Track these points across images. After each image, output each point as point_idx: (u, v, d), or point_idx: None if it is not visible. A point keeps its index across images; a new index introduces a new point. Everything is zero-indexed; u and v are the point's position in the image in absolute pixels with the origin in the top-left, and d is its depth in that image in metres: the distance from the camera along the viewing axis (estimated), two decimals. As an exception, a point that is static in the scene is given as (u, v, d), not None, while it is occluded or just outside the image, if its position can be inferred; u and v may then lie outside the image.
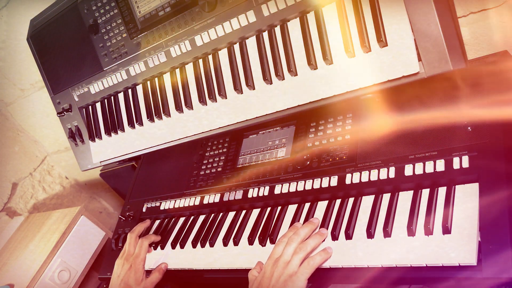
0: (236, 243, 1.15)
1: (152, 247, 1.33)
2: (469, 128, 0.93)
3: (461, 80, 1.00)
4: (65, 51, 1.49)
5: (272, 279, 0.94)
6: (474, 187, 0.87)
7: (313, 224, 1.01)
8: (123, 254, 1.29)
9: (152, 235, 1.33)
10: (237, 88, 1.15)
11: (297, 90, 1.05)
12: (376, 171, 1.01)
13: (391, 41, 0.91)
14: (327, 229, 1.01)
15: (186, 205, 1.36)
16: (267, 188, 1.19)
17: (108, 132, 1.47)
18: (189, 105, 1.25)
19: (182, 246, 1.26)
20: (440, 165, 0.93)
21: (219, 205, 1.28)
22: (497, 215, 0.80)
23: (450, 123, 0.97)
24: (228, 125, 1.19)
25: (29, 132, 2.33)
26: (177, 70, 1.29)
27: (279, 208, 1.15)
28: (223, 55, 1.19)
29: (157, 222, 1.43)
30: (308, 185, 1.11)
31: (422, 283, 0.87)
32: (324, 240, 0.99)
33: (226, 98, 1.18)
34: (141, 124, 1.38)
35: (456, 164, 0.91)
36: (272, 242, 1.08)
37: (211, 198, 1.30)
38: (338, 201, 1.06)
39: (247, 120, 1.15)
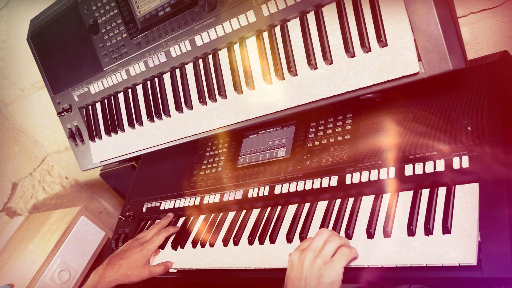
0: (236, 243, 1.15)
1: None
2: (469, 128, 0.93)
3: (461, 80, 1.00)
4: (65, 51, 1.48)
5: (304, 271, 0.86)
6: (474, 187, 0.87)
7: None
8: (138, 238, 1.30)
9: (171, 228, 1.31)
10: (237, 88, 1.15)
11: (297, 90, 1.05)
12: (376, 171, 1.01)
13: (391, 41, 0.91)
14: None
15: (186, 205, 1.36)
16: (267, 188, 1.19)
17: (108, 132, 1.47)
18: (189, 105, 1.25)
19: (182, 246, 1.26)
20: (440, 165, 0.93)
21: (219, 205, 1.28)
22: (497, 215, 0.80)
23: (450, 123, 0.97)
24: (228, 125, 1.19)
25: (29, 132, 2.33)
26: (177, 70, 1.29)
27: (279, 208, 1.15)
28: (223, 55, 1.19)
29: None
30: (308, 185, 1.11)
31: (422, 283, 0.87)
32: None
33: (226, 98, 1.18)
34: (141, 124, 1.38)
35: (456, 164, 0.91)
36: (272, 242, 1.08)
37: (211, 198, 1.30)
38: (338, 201, 1.06)
39: (247, 120, 1.15)
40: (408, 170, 0.97)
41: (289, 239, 1.05)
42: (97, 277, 1.21)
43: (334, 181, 1.07)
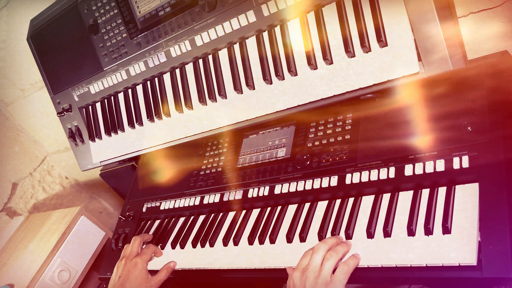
0: (236, 243, 1.15)
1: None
2: (469, 128, 0.93)
3: (461, 80, 1.00)
4: (65, 51, 1.49)
5: None
6: (474, 187, 0.87)
7: (338, 238, 0.97)
8: (124, 256, 1.25)
9: (158, 249, 1.29)
10: (237, 88, 1.15)
11: (297, 90, 1.05)
12: (376, 171, 1.01)
13: (391, 41, 0.91)
14: (327, 229, 1.01)
15: (186, 205, 1.36)
16: (267, 188, 1.19)
17: (108, 132, 1.47)
18: (189, 105, 1.25)
19: (182, 246, 1.26)
20: (440, 165, 0.93)
21: (219, 205, 1.28)
22: (497, 215, 0.80)
23: (450, 123, 0.97)
24: (228, 125, 1.19)
25: (29, 132, 2.34)
26: (177, 70, 1.29)
27: (279, 208, 1.15)
28: (223, 55, 1.19)
29: (157, 222, 1.43)
30: (308, 185, 1.11)
31: (422, 283, 0.87)
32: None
33: (226, 98, 1.18)
34: (141, 124, 1.38)
35: (456, 164, 0.91)
36: (272, 242, 1.08)
37: (211, 198, 1.31)
38: (338, 201, 1.06)
39: (247, 120, 1.15)
40: (408, 170, 0.97)
41: (289, 239, 1.05)
42: None
43: (334, 181, 1.07)
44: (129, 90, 1.42)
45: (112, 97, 1.47)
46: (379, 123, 1.08)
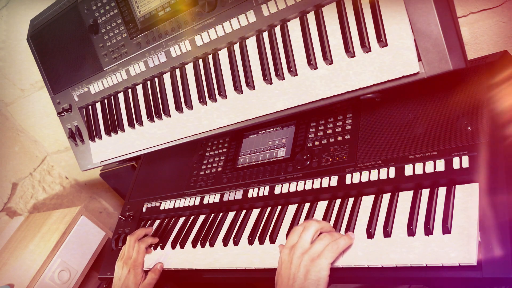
0: (236, 243, 1.15)
1: (152, 247, 1.33)
2: (469, 128, 0.93)
3: (461, 80, 1.00)
4: (65, 51, 1.48)
5: (292, 268, 0.88)
6: (474, 187, 0.87)
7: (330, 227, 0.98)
8: (123, 257, 1.29)
9: (149, 238, 1.33)
10: (237, 88, 1.15)
11: (297, 90, 1.05)
12: (376, 171, 1.01)
13: (391, 41, 0.91)
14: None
15: (186, 205, 1.36)
16: (267, 188, 1.19)
17: (108, 132, 1.47)
18: (189, 105, 1.25)
19: (182, 246, 1.26)
20: (440, 165, 0.93)
21: (219, 205, 1.28)
22: (497, 215, 0.80)
23: (450, 123, 0.97)
24: (228, 125, 1.19)
25: (29, 132, 2.34)
26: (177, 70, 1.29)
27: (279, 208, 1.16)
28: (223, 55, 1.19)
29: (157, 222, 1.43)
30: (308, 185, 1.11)
31: (422, 283, 0.87)
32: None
33: (226, 98, 1.18)
34: (141, 124, 1.38)
35: (456, 164, 0.91)
36: (272, 242, 1.08)
37: (211, 198, 1.31)
38: (338, 201, 1.06)
39: (247, 120, 1.15)
40: (408, 170, 0.97)
41: (289, 239, 1.05)
42: None
43: (334, 181, 1.07)
44: (129, 90, 1.42)
45: (112, 97, 1.47)
46: (379, 123, 1.08)
